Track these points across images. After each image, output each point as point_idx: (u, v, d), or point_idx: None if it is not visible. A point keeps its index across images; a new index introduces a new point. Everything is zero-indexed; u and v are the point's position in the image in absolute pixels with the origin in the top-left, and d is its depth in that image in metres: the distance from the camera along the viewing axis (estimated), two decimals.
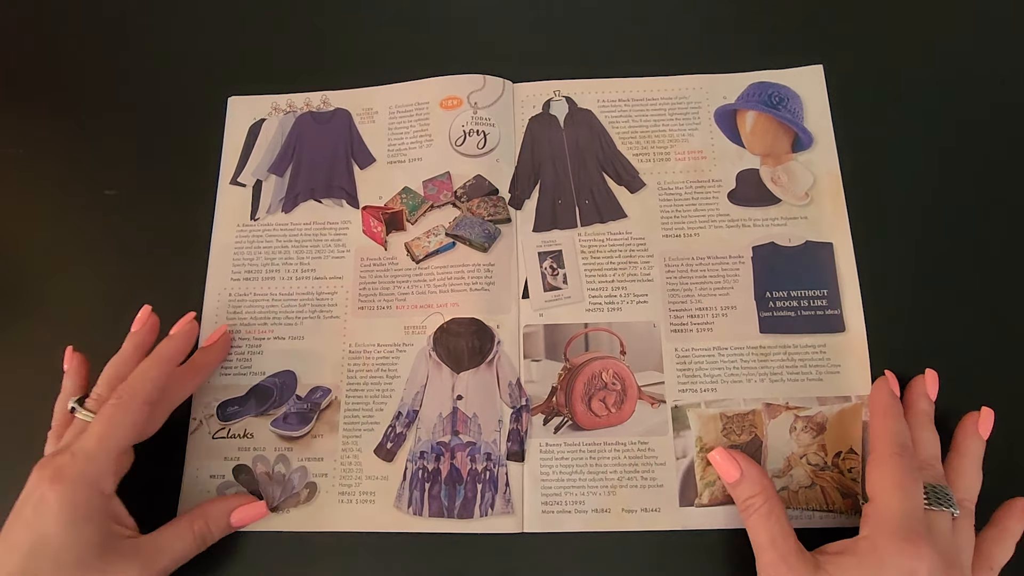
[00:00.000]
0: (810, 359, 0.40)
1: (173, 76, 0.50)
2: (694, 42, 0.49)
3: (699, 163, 0.45)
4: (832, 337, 0.41)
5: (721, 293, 0.42)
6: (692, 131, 0.46)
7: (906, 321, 0.41)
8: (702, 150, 0.45)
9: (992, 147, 0.45)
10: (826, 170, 0.44)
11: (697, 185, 0.45)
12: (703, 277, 0.43)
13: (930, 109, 0.46)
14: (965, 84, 0.46)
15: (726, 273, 0.42)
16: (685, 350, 0.41)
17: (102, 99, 0.49)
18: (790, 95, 0.46)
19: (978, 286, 0.42)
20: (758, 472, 0.35)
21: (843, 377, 0.40)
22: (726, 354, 0.41)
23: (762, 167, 0.45)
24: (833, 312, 0.41)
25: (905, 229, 0.43)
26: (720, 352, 0.41)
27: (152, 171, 0.47)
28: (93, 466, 0.33)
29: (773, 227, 0.43)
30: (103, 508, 0.33)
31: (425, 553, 0.39)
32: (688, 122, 0.46)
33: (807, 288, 0.41)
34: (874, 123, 0.45)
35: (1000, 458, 0.37)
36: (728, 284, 0.42)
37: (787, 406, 0.39)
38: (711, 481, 0.39)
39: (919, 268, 0.42)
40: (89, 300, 0.45)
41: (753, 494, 0.34)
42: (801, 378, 0.40)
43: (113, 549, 0.33)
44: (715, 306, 0.42)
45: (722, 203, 0.44)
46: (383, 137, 0.47)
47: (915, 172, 0.44)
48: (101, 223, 0.46)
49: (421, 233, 0.45)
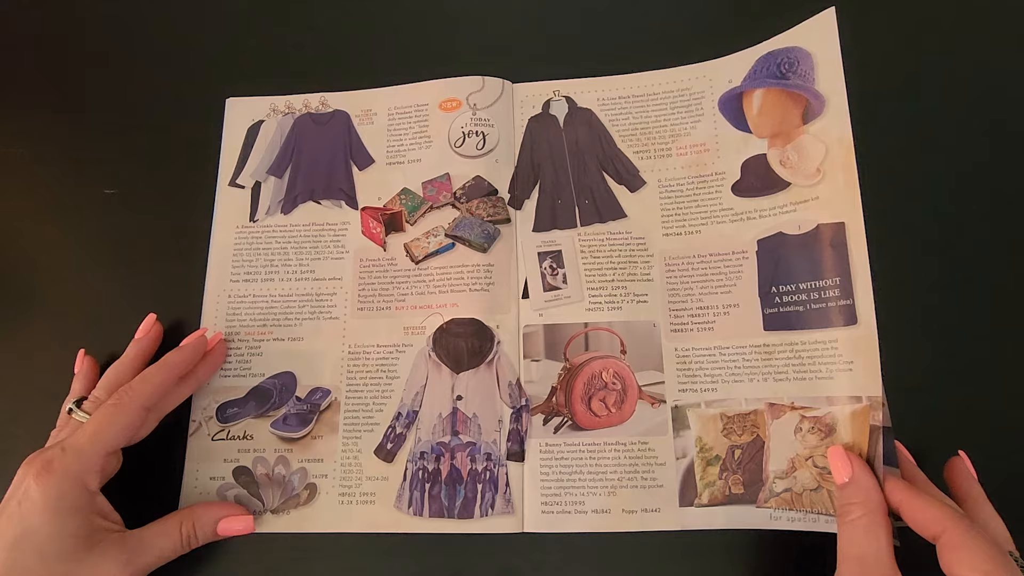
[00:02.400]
0: (820, 356, 0.38)
1: (173, 77, 0.50)
2: (695, 28, 0.48)
3: (702, 156, 0.45)
4: (844, 331, 0.37)
5: (723, 291, 0.41)
6: (695, 123, 0.45)
7: (921, 310, 0.41)
8: (705, 142, 0.45)
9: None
10: (837, 136, 0.40)
11: (699, 180, 0.44)
12: (704, 275, 0.42)
13: (955, 57, 0.44)
14: (993, 29, 0.45)
15: (728, 270, 0.42)
16: (685, 349, 0.41)
17: (102, 99, 0.49)
18: (800, 56, 0.42)
19: (1003, 265, 0.41)
20: (869, 482, 0.32)
21: (855, 375, 0.36)
22: (728, 353, 0.40)
23: (770, 151, 0.43)
24: (845, 302, 0.37)
25: (923, 201, 0.42)
26: (721, 351, 0.41)
27: (151, 172, 0.47)
28: (81, 462, 0.33)
29: (781, 216, 0.41)
30: (88, 503, 0.33)
31: (425, 553, 0.39)
32: (691, 114, 0.46)
33: (818, 279, 0.39)
34: (890, 76, 0.44)
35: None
36: (731, 281, 0.42)
37: (792, 406, 0.38)
38: (711, 481, 0.38)
39: (938, 245, 0.42)
40: (88, 300, 0.45)
41: (853, 502, 0.32)
42: (809, 376, 0.38)
43: (97, 542, 0.33)
44: (717, 304, 0.41)
45: (726, 197, 0.43)
46: (382, 138, 0.47)
47: (934, 137, 0.43)
48: (101, 223, 0.46)
49: (420, 234, 0.45)
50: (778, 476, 0.38)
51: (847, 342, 0.37)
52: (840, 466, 0.34)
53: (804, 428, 0.38)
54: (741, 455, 0.39)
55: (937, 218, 0.43)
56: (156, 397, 0.36)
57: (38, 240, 0.46)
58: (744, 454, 0.39)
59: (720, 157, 0.44)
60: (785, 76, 0.43)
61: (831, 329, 0.38)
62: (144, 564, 0.34)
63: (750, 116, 0.44)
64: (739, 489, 0.38)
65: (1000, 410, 0.40)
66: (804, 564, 0.37)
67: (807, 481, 0.37)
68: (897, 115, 0.44)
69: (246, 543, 0.39)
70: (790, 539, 0.37)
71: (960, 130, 0.44)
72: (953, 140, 0.44)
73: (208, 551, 0.38)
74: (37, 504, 0.32)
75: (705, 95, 0.46)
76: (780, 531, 0.37)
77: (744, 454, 0.39)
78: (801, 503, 0.37)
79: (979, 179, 0.43)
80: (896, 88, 0.45)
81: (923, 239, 0.42)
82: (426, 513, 0.39)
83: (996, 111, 0.44)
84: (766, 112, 0.44)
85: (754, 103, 0.44)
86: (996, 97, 0.45)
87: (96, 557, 0.33)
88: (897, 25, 0.46)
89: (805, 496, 0.37)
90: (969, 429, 0.39)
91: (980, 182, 0.43)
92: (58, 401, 0.39)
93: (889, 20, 0.46)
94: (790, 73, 0.43)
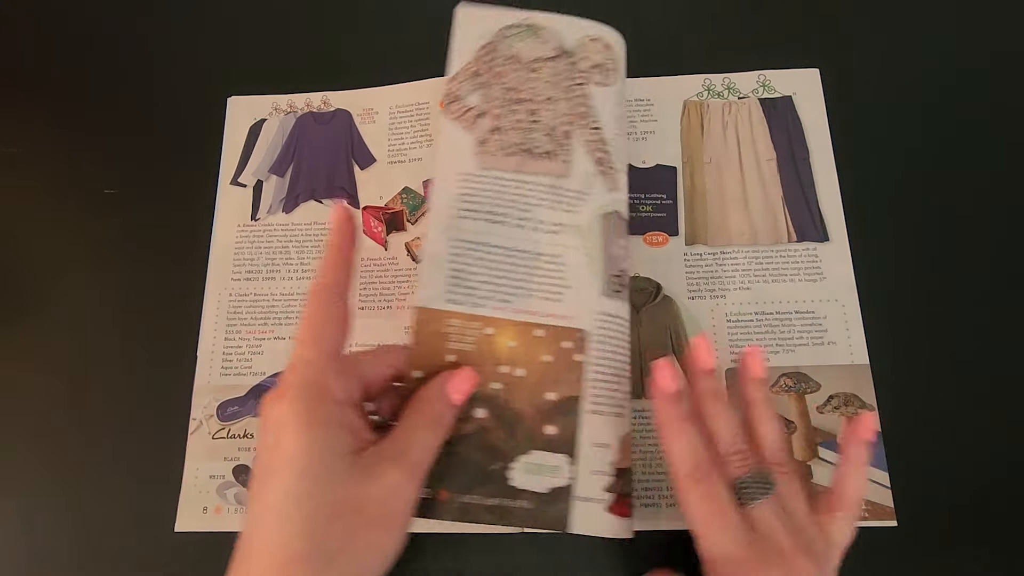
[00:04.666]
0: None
1: (173, 76, 0.50)
2: (692, 44, 0.49)
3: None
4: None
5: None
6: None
7: (907, 338, 0.41)
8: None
9: (992, 149, 0.45)
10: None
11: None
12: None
13: (930, 110, 0.46)
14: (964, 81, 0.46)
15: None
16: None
17: (102, 99, 0.49)
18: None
19: (980, 291, 0.42)
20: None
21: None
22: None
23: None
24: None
25: (904, 233, 0.43)
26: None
27: (152, 171, 0.47)
28: (313, 369, 0.29)
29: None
30: (339, 416, 0.29)
31: (425, 553, 0.39)
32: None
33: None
34: (872, 128, 0.46)
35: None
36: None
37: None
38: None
39: (919, 274, 0.42)
40: (89, 300, 0.45)
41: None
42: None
43: (360, 454, 0.28)
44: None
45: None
46: (383, 137, 0.47)
47: (912, 178, 0.44)
48: (101, 223, 0.46)
49: (422, 233, 0.45)
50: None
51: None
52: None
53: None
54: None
55: (921, 250, 0.43)
56: (344, 281, 0.32)
57: (38, 240, 0.46)
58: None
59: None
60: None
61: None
62: (417, 462, 0.29)
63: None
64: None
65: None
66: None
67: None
68: (880, 161, 0.45)
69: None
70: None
71: (941, 165, 0.45)
72: (933, 181, 0.44)
73: (208, 551, 0.38)
74: (289, 425, 0.27)
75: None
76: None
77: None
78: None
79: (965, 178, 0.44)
80: (880, 138, 0.45)
81: (911, 265, 0.43)
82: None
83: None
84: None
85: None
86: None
87: (370, 474, 0.28)
88: (881, 86, 0.47)
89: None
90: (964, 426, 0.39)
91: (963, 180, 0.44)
92: (58, 401, 0.39)
93: (874, 84, 0.46)
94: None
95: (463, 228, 0.35)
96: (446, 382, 0.32)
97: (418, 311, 0.34)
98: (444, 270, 0.34)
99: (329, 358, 0.29)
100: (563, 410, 0.33)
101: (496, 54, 0.38)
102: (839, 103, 0.46)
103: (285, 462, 0.27)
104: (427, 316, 0.34)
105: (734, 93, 0.46)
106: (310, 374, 0.28)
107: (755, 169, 0.43)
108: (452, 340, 0.33)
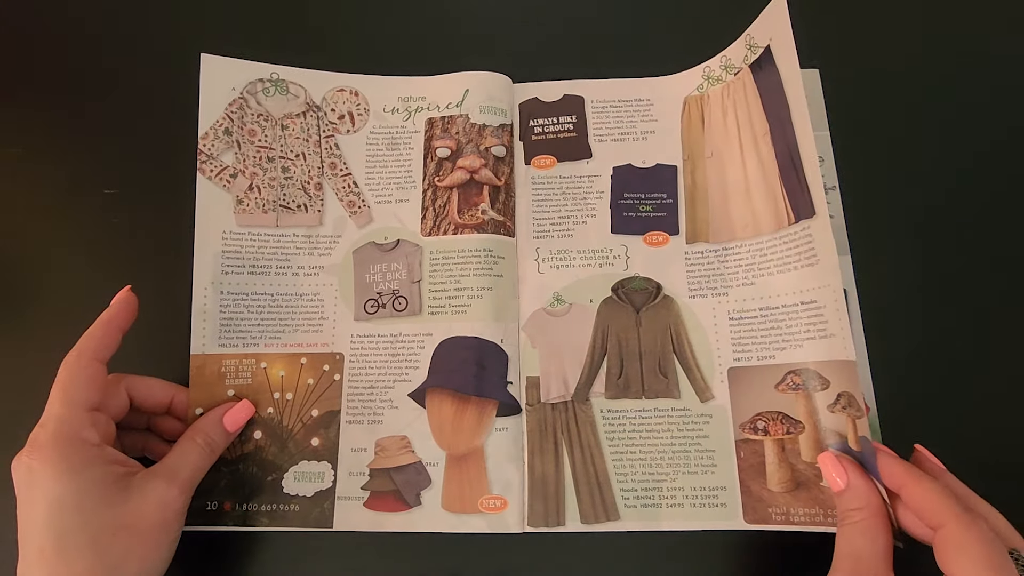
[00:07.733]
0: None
1: (174, 75, 0.50)
2: (689, 41, 0.48)
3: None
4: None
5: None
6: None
7: (908, 338, 0.41)
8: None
9: (992, 149, 0.45)
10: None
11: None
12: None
13: (930, 110, 0.46)
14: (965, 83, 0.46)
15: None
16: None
17: (103, 99, 0.49)
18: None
19: (981, 292, 0.42)
20: (866, 485, 0.32)
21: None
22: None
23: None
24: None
25: (904, 233, 0.43)
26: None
27: (152, 171, 0.47)
28: (65, 424, 0.32)
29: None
30: (97, 455, 0.32)
31: (425, 553, 0.39)
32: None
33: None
34: (871, 128, 0.46)
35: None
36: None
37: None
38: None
39: (922, 278, 0.43)
40: (88, 300, 0.44)
41: (853, 508, 0.31)
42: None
43: (128, 482, 0.32)
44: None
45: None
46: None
47: (912, 178, 0.44)
48: (101, 222, 0.46)
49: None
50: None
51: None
52: (834, 473, 0.32)
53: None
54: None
55: (923, 253, 0.44)
56: (103, 349, 0.35)
57: (37, 240, 0.46)
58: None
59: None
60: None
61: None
62: (186, 479, 0.34)
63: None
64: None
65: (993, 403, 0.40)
66: (798, 563, 0.36)
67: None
68: (881, 164, 0.45)
69: (247, 541, 0.39)
70: (787, 539, 0.37)
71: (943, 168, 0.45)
72: (936, 183, 0.44)
73: (207, 551, 0.38)
74: (47, 473, 0.30)
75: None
76: (775, 531, 0.37)
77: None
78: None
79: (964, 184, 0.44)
80: (880, 140, 0.45)
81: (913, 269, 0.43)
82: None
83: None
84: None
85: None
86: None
87: (136, 492, 0.32)
88: (881, 87, 0.47)
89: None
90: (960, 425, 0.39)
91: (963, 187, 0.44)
92: None
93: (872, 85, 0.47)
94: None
95: (229, 283, 0.41)
96: (224, 413, 0.37)
97: (193, 358, 0.39)
98: (215, 320, 0.40)
99: (83, 412, 0.32)
100: (325, 423, 0.39)
101: (247, 111, 0.42)
102: (839, 103, 0.46)
103: (49, 504, 0.30)
104: (202, 361, 0.39)
105: (731, 71, 0.44)
106: (62, 428, 0.32)
107: (754, 152, 0.41)
108: (229, 377, 0.39)
